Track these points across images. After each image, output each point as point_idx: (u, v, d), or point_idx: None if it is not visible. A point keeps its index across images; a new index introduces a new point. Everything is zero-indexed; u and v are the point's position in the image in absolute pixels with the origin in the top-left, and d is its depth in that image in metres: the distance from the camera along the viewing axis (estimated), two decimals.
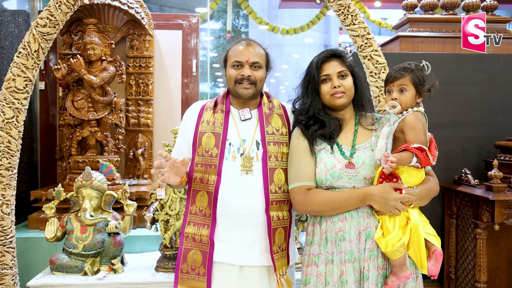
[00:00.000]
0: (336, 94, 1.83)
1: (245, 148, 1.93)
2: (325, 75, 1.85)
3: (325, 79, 1.86)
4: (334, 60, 1.87)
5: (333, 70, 1.85)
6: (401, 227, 1.70)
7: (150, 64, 3.72)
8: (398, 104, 1.77)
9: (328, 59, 1.87)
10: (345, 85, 1.84)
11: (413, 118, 1.75)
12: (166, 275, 2.54)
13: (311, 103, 1.87)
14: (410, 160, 1.71)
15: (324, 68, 1.86)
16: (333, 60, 1.87)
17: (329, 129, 1.83)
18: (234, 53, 1.96)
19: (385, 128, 1.80)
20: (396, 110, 1.78)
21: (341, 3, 2.50)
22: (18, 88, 2.42)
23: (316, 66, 1.86)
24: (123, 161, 3.67)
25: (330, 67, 1.86)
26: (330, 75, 1.85)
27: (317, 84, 1.86)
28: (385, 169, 1.72)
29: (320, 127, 1.85)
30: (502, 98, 3.20)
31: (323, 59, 1.87)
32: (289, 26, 9.07)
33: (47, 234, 2.61)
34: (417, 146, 1.70)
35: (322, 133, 1.84)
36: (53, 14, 2.44)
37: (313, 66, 1.87)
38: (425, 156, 1.71)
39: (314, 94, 1.87)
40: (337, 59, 1.87)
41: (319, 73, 1.86)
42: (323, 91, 1.86)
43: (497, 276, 2.94)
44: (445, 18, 3.57)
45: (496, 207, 2.61)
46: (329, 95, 1.85)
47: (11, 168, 2.42)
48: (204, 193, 1.91)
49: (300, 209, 1.87)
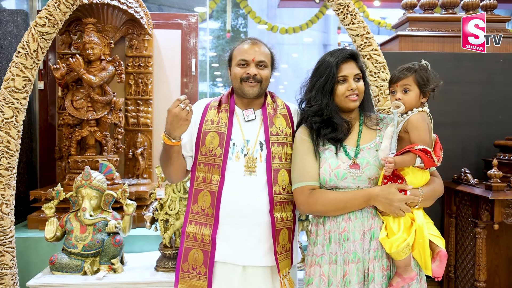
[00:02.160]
0: (352, 96, 1.81)
1: (248, 149, 1.92)
2: (343, 76, 1.82)
3: (342, 79, 1.82)
4: (351, 61, 1.84)
5: (351, 71, 1.82)
6: (405, 228, 1.69)
7: (149, 63, 3.71)
8: (402, 104, 1.77)
9: (346, 60, 1.84)
10: (359, 88, 1.83)
11: (417, 118, 1.74)
12: (166, 275, 2.54)
13: (326, 104, 1.82)
14: (413, 161, 1.70)
15: (342, 69, 1.82)
16: (350, 61, 1.84)
17: (340, 133, 1.81)
18: (239, 52, 1.94)
19: (389, 128, 1.79)
20: (400, 110, 1.77)
21: (341, 2, 2.50)
22: (17, 87, 2.41)
23: (336, 66, 1.81)
24: (123, 160, 3.67)
25: (348, 68, 1.82)
26: (347, 77, 1.81)
27: (333, 84, 1.82)
28: (385, 171, 1.71)
29: (332, 130, 1.82)
30: (501, 97, 3.20)
31: (343, 59, 1.83)
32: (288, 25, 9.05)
33: (47, 234, 2.61)
34: (421, 147, 1.69)
35: (334, 136, 1.81)
36: (52, 13, 2.43)
37: (332, 64, 1.81)
38: (429, 158, 1.69)
39: (330, 94, 1.82)
40: (353, 61, 1.85)
41: (337, 73, 1.81)
42: (339, 92, 1.82)
43: (497, 275, 2.95)
44: (444, 17, 3.57)
45: (496, 206, 2.61)
46: (343, 96, 1.81)
47: (10, 168, 2.42)
48: (207, 193, 1.90)
49: (303, 210, 1.86)
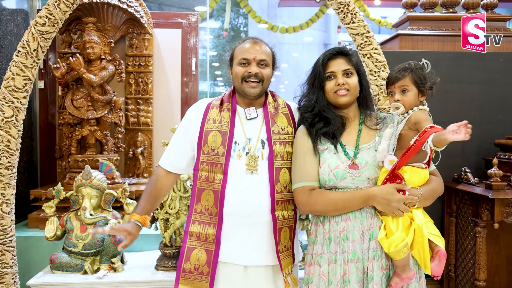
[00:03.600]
0: (340, 91, 1.82)
1: (250, 147, 1.92)
2: (330, 72, 1.85)
3: (329, 76, 1.85)
4: (340, 57, 1.86)
5: (338, 67, 1.84)
6: (404, 228, 1.69)
7: (150, 63, 3.71)
8: (401, 105, 1.77)
9: (334, 57, 1.86)
10: (349, 83, 1.83)
11: (419, 113, 1.75)
12: (166, 274, 2.54)
13: (316, 100, 1.86)
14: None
15: (329, 65, 1.85)
16: (339, 58, 1.86)
17: (333, 127, 1.83)
18: (241, 51, 1.95)
19: (388, 130, 1.79)
20: (400, 111, 1.77)
21: (341, 1, 2.49)
22: (18, 87, 2.41)
23: (322, 63, 1.85)
24: (123, 160, 3.67)
25: (336, 65, 1.85)
26: (335, 73, 1.84)
27: (322, 81, 1.85)
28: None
29: (324, 125, 1.84)
30: (502, 96, 3.20)
31: (330, 56, 1.86)
32: (288, 24, 9.04)
33: (47, 233, 2.61)
34: (430, 125, 1.65)
35: (327, 131, 1.83)
36: (52, 12, 2.43)
37: (319, 62, 1.86)
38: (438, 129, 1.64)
39: (320, 91, 1.86)
40: (343, 57, 1.86)
41: (324, 70, 1.85)
42: (327, 88, 1.85)
43: (497, 274, 2.95)
44: (445, 16, 3.57)
45: (496, 205, 2.61)
46: (332, 92, 1.84)
47: (10, 167, 2.42)
48: (210, 192, 1.90)
49: (303, 209, 1.87)
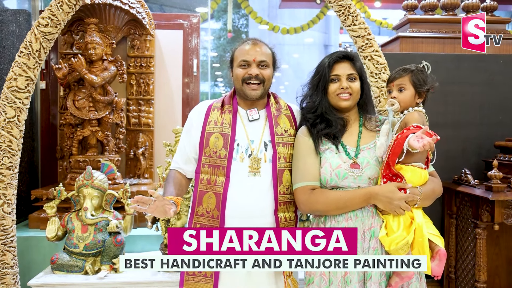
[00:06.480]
0: (343, 95, 1.86)
1: (253, 149, 1.92)
2: (335, 75, 1.87)
3: (334, 78, 1.88)
4: (345, 62, 1.89)
5: (343, 71, 1.87)
6: (405, 226, 1.71)
7: (151, 63, 3.72)
8: (396, 102, 1.82)
9: (340, 60, 1.89)
10: (353, 88, 1.86)
11: (414, 114, 1.80)
12: (167, 275, 2.54)
13: (320, 102, 1.88)
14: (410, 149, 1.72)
15: (335, 68, 1.88)
16: (344, 62, 1.89)
17: (335, 128, 1.85)
18: (240, 52, 1.95)
19: (384, 126, 1.83)
20: (394, 108, 1.82)
21: (342, 3, 2.50)
22: (20, 87, 2.42)
23: (328, 65, 1.88)
24: (124, 160, 3.68)
25: (341, 68, 1.88)
26: (339, 76, 1.87)
27: (326, 83, 1.88)
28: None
29: (326, 126, 1.86)
30: (501, 98, 3.21)
31: (336, 59, 1.89)
32: (289, 25, 9.07)
33: (48, 234, 2.61)
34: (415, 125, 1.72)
35: (328, 132, 1.85)
36: (55, 13, 2.44)
37: (324, 65, 1.89)
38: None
39: (323, 93, 1.89)
40: (348, 61, 1.89)
41: (329, 72, 1.88)
42: (331, 90, 1.87)
43: (497, 276, 2.95)
44: (445, 19, 3.58)
45: (496, 207, 2.62)
46: (335, 94, 1.87)
47: (12, 167, 2.42)
48: (212, 194, 1.90)
49: (304, 209, 1.88)
